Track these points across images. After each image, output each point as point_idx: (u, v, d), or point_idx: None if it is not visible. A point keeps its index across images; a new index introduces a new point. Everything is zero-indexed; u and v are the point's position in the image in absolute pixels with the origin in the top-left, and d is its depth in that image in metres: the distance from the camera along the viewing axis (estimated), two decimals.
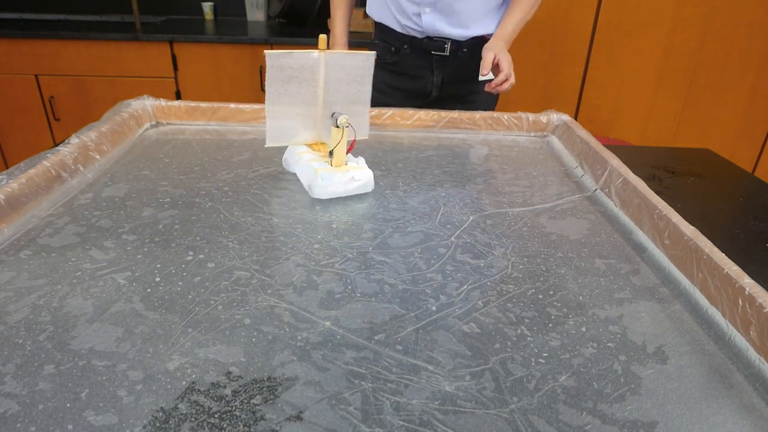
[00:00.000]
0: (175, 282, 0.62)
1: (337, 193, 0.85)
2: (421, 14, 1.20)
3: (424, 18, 1.20)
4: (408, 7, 1.21)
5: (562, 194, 0.90)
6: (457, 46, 1.26)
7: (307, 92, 0.87)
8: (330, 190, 0.84)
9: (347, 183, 0.85)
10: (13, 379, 0.48)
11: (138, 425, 0.44)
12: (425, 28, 1.22)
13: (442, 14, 1.20)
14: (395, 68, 1.33)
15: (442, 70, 1.30)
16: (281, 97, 0.86)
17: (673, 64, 2.28)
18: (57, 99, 2.25)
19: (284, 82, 0.85)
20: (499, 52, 1.16)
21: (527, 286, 0.65)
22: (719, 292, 0.60)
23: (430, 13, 1.20)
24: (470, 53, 1.28)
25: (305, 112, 0.89)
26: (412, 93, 1.34)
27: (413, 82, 1.32)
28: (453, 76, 1.31)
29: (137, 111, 1.07)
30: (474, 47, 1.27)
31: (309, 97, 0.88)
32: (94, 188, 0.84)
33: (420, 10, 1.20)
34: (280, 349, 0.53)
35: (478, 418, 0.46)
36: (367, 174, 0.87)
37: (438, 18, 1.20)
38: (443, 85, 1.33)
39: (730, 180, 1.06)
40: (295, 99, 0.87)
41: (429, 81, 1.31)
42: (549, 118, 1.16)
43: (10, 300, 0.58)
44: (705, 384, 0.51)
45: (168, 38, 2.16)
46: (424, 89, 1.33)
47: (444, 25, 1.21)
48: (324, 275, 0.65)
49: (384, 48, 1.32)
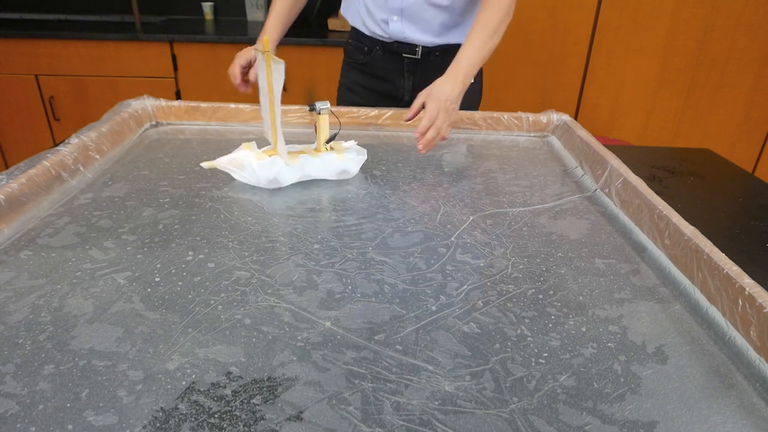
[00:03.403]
0: (175, 282, 0.62)
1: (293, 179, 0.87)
2: (389, 21, 1.17)
3: (391, 25, 1.16)
4: (377, 14, 1.17)
5: (562, 194, 0.90)
6: (429, 50, 1.22)
7: (264, 93, 0.86)
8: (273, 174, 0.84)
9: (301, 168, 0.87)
10: (13, 379, 0.48)
11: (138, 425, 0.44)
12: (392, 34, 1.17)
13: (411, 21, 1.16)
14: (366, 69, 1.30)
15: (413, 74, 1.26)
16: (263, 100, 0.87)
17: (673, 64, 2.28)
18: (57, 99, 2.24)
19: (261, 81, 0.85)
20: (428, 97, 0.96)
21: (527, 286, 0.65)
22: (719, 292, 0.60)
23: (397, 21, 1.16)
24: (443, 57, 1.21)
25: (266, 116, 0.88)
26: (384, 95, 1.31)
27: (384, 84, 1.28)
28: (425, 80, 1.19)
29: (137, 111, 1.07)
30: (447, 52, 1.20)
31: (264, 98, 0.86)
32: (94, 188, 0.84)
33: (388, 18, 1.17)
34: (280, 349, 0.53)
35: (478, 418, 0.46)
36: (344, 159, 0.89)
37: (406, 25, 1.16)
38: (415, 89, 1.28)
39: (730, 180, 1.06)
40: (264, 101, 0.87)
41: (401, 85, 1.27)
42: (549, 118, 1.16)
43: (10, 300, 0.58)
44: (705, 384, 0.51)
45: (168, 38, 2.16)
46: (396, 93, 1.30)
47: (413, 32, 1.18)
48: (324, 275, 0.65)
49: (356, 48, 1.28)
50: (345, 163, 0.89)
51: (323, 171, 0.89)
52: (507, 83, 2.36)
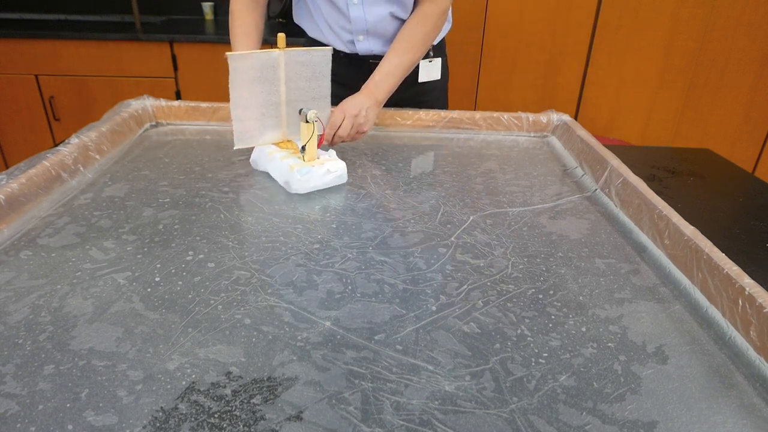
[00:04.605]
0: (175, 282, 0.62)
1: (316, 187, 0.86)
2: (355, 41, 1.13)
3: (358, 45, 1.11)
4: (341, 34, 1.13)
5: (562, 194, 0.90)
6: None
7: (270, 92, 0.87)
8: (310, 184, 0.85)
9: (324, 176, 0.86)
10: (13, 379, 0.48)
11: (138, 425, 0.44)
12: (359, 52, 1.15)
13: (377, 37, 1.13)
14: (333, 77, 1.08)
15: None
16: (246, 98, 0.86)
17: (673, 64, 2.28)
18: (57, 99, 2.24)
19: (248, 83, 0.85)
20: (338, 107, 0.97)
21: (527, 286, 0.65)
22: (719, 292, 0.60)
23: (364, 40, 1.13)
24: None
25: (270, 112, 0.89)
26: None
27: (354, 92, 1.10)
28: None
29: (137, 111, 1.07)
30: None
31: (272, 96, 0.88)
32: (94, 188, 0.84)
33: (353, 38, 1.14)
34: (280, 349, 0.53)
35: (478, 418, 0.46)
36: (341, 165, 0.88)
37: (373, 42, 1.13)
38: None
39: (730, 180, 1.06)
40: (260, 99, 0.87)
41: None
42: (549, 118, 1.16)
43: (10, 300, 0.58)
44: (705, 384, 0.51)
45: (168, 38, 2.16)
46: None
47: (379, 45, 1.14)
48: (324, 275, 0.65)
49: None
50: (340, 166, 0.89)
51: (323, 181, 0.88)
52: (507, 83, 2.36)
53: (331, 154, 0.90)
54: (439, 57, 1.23)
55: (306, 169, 0.85)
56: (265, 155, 0.91)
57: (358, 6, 1.07)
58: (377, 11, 1.08)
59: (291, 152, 0.90)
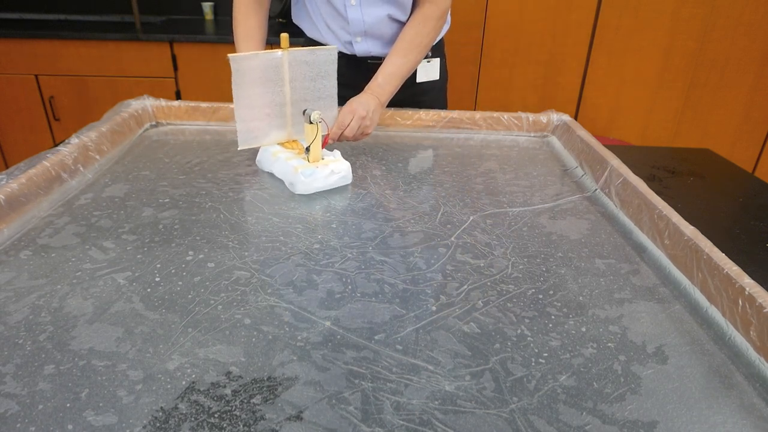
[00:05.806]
0: (175, 282, 0.62)
1: (320, 188, 0.86)
2: (353, 42, 1.14)
3: (356, 46, 1.13)
4: (340, 34, 1.14)
5: (562, 194, 0.90)
6: None
7: (274, 92, 0.87)
8: (314, 186, 0.85)
9: (328, 177, 0.86)
10: (13, 379, 0.48)
11: (138, 425, 0.44)
12: (357, 53, 1.16)
13: (375, 39, 1.14)
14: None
15: None
16: (249, 99, 0.86)
17: (673, 64, 2.28)
18: (57, 99, 2.24)
19: (251, 84, 0.85)
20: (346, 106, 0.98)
21: (527, 286, 0.65)
22: (719, 292, 0.60)
23: (362, 42, 1.14)
24: None
25: (274, 112, 0.89)
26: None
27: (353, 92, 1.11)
28: None
29: (137, 111, 1.07)
30: None
31: (277, 96, 0.88)
32: (94, 188, 0.84)
33: (351, 39, 1.14)
34: (280, 348, 0.53)
35: (478, 418, 0.46)
36: (346, 166, 0.88)
37: (371, 44, 1.14)
38: None
39: (730, 180, 1.06)
40: (263, 100, 0.87)
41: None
42: (549, 118, 1.16)
43: (10, 300, 0.58)
44: (705, 384, 0.51)
45: (168, 38, 2.16)
46: None
47: (378, 47, 1.15)
48: (324, 275, 0.65)
49: None
50: (344, 167, 0.89)
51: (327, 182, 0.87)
52: (507, 83, 2.36)
53: (336, 155, 0.89)
54: (437, 57, 1.23)
55: (310, 171, 0.84)
56: (269, 156, 0.91)
57: (356, 7, 1.07)
58: (375, 13, 1.08)
59: (296, 153, 0.90)
